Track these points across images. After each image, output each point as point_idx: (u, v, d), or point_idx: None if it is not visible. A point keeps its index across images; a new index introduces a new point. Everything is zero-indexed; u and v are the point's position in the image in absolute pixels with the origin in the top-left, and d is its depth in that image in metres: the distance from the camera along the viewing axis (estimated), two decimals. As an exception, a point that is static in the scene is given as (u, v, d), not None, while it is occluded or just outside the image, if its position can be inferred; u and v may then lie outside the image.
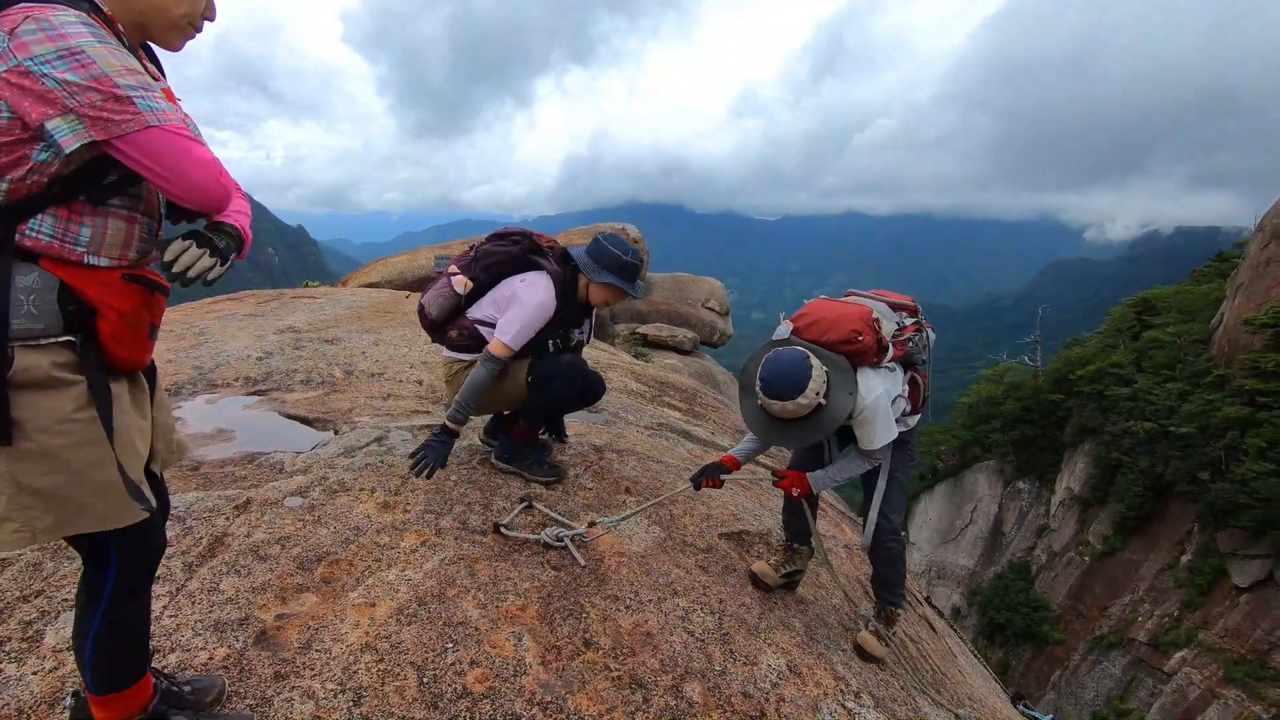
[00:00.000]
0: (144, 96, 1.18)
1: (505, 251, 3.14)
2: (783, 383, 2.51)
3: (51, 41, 1.13)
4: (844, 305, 2.85)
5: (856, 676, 2.66)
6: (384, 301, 7.21)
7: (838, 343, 2.69)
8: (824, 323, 2.76)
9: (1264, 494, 21.24)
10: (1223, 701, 20.37)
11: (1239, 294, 26.69)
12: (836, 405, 2.58)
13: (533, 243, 3.17)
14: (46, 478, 1.27)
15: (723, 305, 20.25)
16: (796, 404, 2.50)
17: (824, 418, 2.57)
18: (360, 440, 3.43)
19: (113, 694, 1.53)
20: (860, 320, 2.71)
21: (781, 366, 2.54)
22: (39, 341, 1.25)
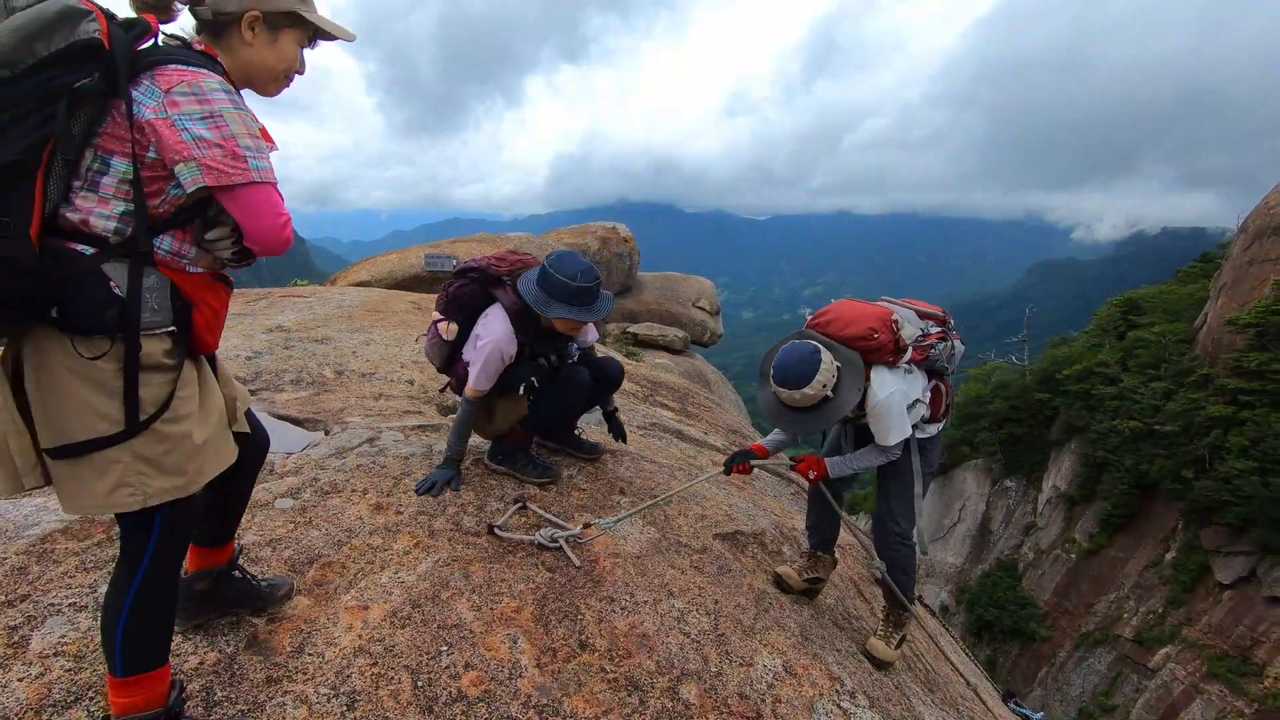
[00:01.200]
0: (255, 157, 1.47)
1: (466, 291, 3.11)
2: (791, 373, 2.67)
3: (199, 104, 1.41)
4: (867, 305, 2.97)
5: (851, 676, 2.67)
6: (375, 300, 7.16)
7: (853, 338, 2.80)
8: (843, 319, 2.88)
9: (1246, 492, 21.51)
10: (1206, 697, 20.62)
11: (1222, 294, 27.03)
12: (843, 398, 2.70)
13: (488, 276, 3.09)
14: (157, 446, 1.51)
15: (713, 304, 20.27)
16: (804, 394, 2.65)
17: (829, 409, 2.70)
18: (352, 441, 3.40)
19: (139, 674, 1.60)
20: (878, 319, 2.82)
21: (792, 358, 2.69)
22: (154, 331, 1.50)
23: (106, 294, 1.41)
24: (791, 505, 4.41)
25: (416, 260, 12.23)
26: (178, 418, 1.55)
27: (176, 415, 1.55)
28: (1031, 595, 28.14)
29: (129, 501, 1.48)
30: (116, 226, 1.43)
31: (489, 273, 3.11)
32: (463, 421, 3.07)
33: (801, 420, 2.77)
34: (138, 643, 1.58)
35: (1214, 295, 28.12)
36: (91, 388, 1.43)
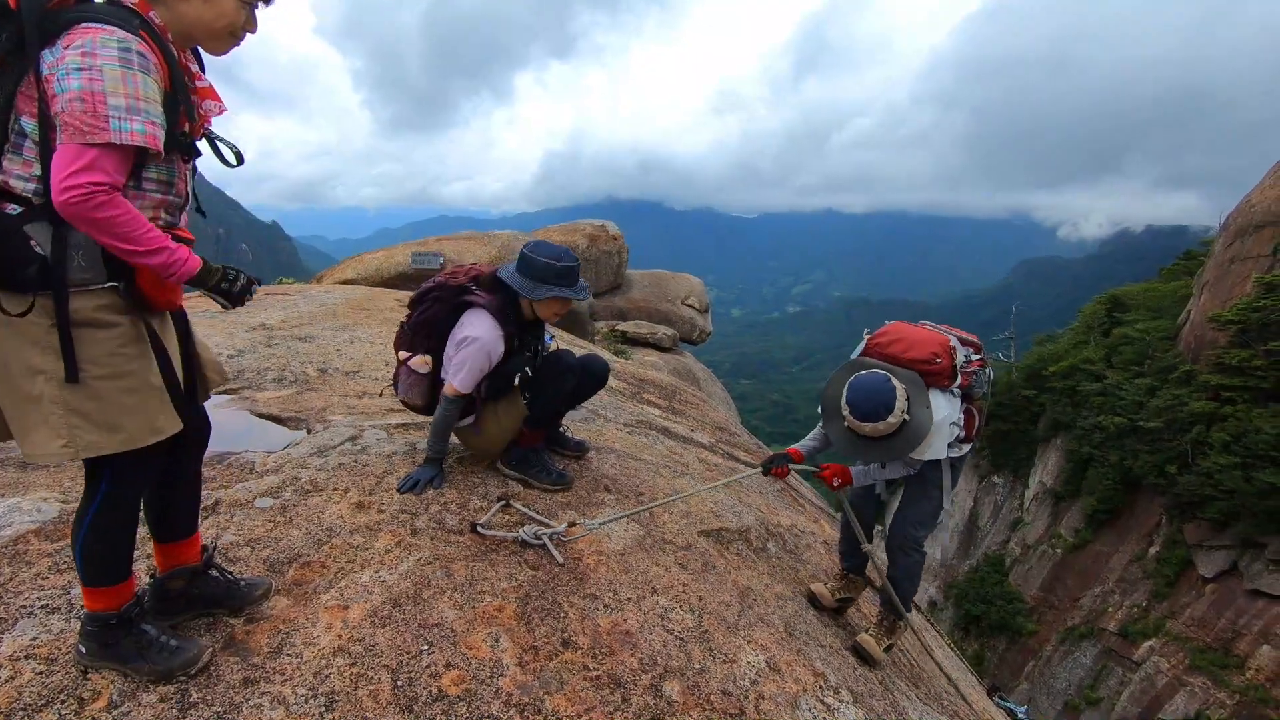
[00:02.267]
0: (123, 119, 1.43)
1: (434, 312, 3.08)
2: (872, 404, 2.72)
3: (81, 57, 1.40)
4: (925, 330, 3.10)
5: (836, 672, 2.67)
6: (359, 298, 7.10)
7: (917, 361, 2.92)
8: (905, 341, 2.99)
9: (1228, 486, 21.77)
10: (1189, 689, 20.88)
11: (1205, 292, 27.34)
12: (918, 420, 2.79)
13: (453, 288, 3.07)
14: (91, 401, 1.55)
15: (702, 302, 20.28)
16: (886, 423, 2.71)
17: (908, 433, 2.77)
18: (334, 439, 3.37)
19: (92, 587, 1.78)
20: (940, 345, 2.97)
21: (868, 390, 2.75)
22: (87, 288, 1.52)
23: (26, 252, 1.45)
24: (777, 502, 4.41)
25: (403, 258, 12.15)
26: (116, 374, 1.58)
27: (116, 372, 1.58)
28: (1018, 590, 28.39)
29: (62, 453, 1.54)
30: (35, 188, 1.47)
31: (450, 285, 3.09)
32: (442, 420, 3.04)
33: (881, 449, 2.83)
34: (92, 564, 1.75)
35: (1197, 292, 28.44)
36: (24, 342, 1.49)
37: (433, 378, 3.16)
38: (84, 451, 1.57)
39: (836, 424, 2.92)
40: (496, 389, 3.10)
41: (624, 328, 16.59)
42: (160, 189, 1.66)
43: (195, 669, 1.88)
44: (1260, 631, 20.07)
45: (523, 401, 3.19)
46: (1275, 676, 19.00)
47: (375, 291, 8.11)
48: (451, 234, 14.72)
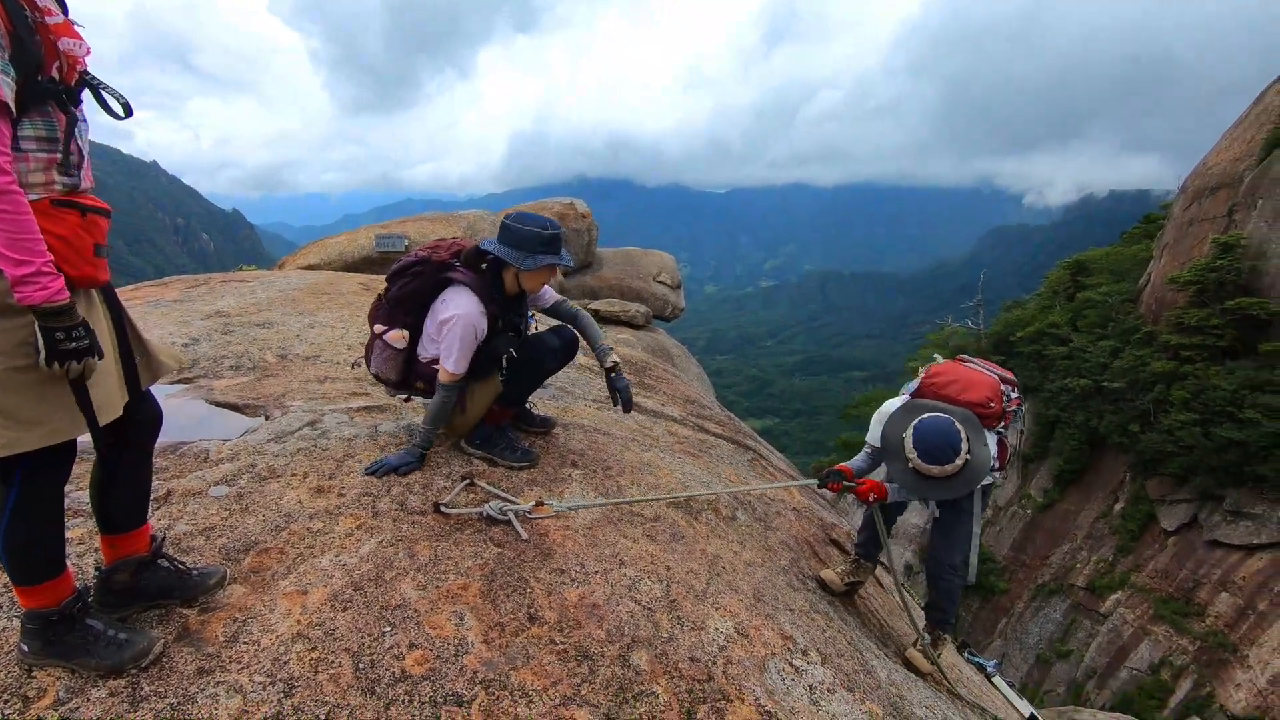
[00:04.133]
0: None
1: (414, 286, 3.00)
2: (941, 450, 2.90)
3: None
4: (977, 373, 3.32)
5: (804, 635, 2.70)
6: (320, 283, 6.93)
7: (972, 403, 3.13)
8: (961, 383, 3.21)
9: (1188, 443, 22.48)
10: (1153, 638, 21.70)
11: (1164, 254, 27.95)
12: (979, 459, 2.97)
13: (434, 263, 2.99)
14: (5, 397, 1.45)
15: (674, 279, 20.24)
16: (954, 464, 2.89)
17: (969, 472, 2.95)
18: (292, 425, 3.29)
19: (24, 586, 1.71)
20: (993, 390, 3.20)
21: (937, 436, 2.92)
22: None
23: None
24: (747, 472, 4.43)
25: (367, 241, 11.89)
26: (32, 365, 1.48)
27: (32, 362, 1.47)
28: (990, 550, 29.13)
29: None
30: None
31: (434, 260, 3.01)
32: (440, 407, 2.96)
33: (947, 487, 2.99)
34: (18, 563, 1.67)
35: (1157, 255, 29.08)
36: None
37: (408, 353, 3.09)
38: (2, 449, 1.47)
39: (900, 464, 3.06)
40: (480, 369, 3.03)
41: (596, 306, 16.50)
42: (44, 147, 1.52)
43: (146, 661, 1.83)
44: (1219, 580, 20.87)
45: (499, 379, 3.13)
46: (1234, 622, 19.81)
47: (337, 276, 7.93)
48: (415, 215, 14.44)
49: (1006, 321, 34.42)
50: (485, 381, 3.07)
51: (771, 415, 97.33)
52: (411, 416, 3.57)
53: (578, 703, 2.00)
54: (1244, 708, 18.23)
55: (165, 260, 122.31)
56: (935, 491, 3.04)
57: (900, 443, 3.03)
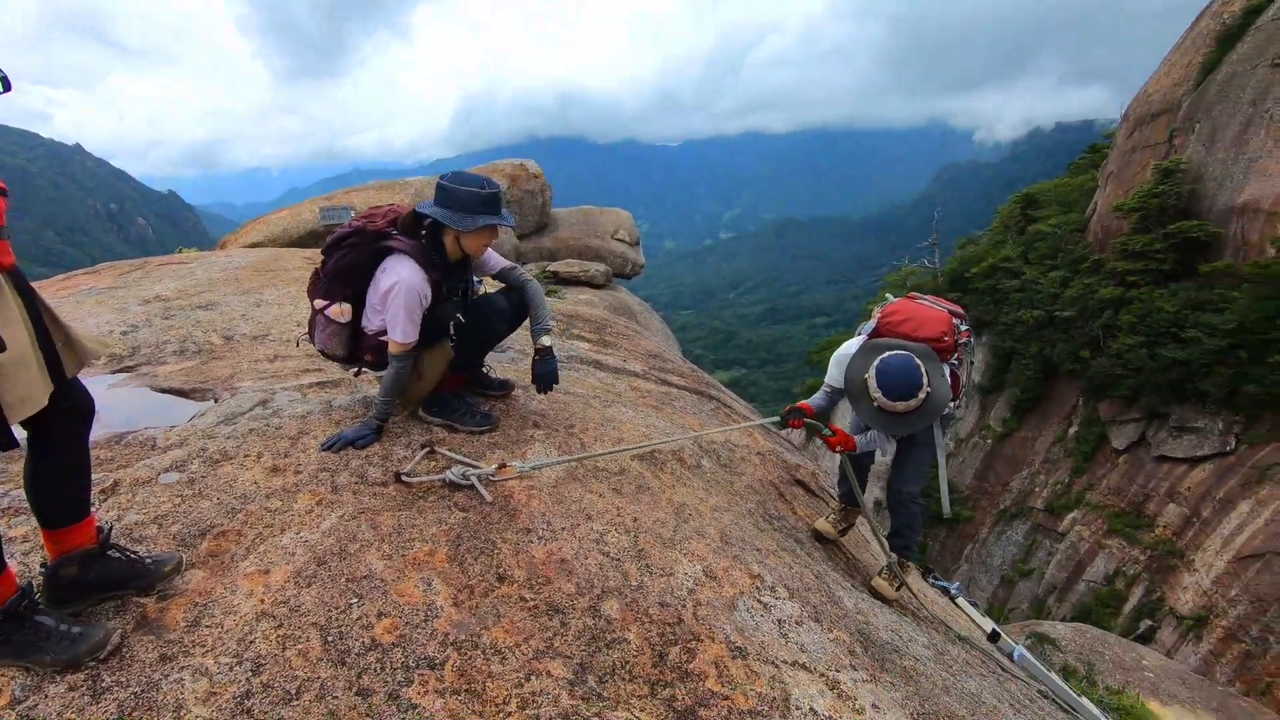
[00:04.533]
0: None
1: (350, 259, 2.89)
2: (905, 386, 3.01)
3: None
4: (930, 309, 3.41)
5: (771, 572, 2.76)
6: (264, 260, 6.69)
7: (927, 339, 3.23)
8: (916, 320, 3.31)
9: (1135, 364, 23.40)
10: (1107, 551, 22.90)
11: (1109, 182, 28.58)
12: (939, 392, 3.09)
13: (369, 233, 2.88)
14: None
15: (632, 235, 20.06)
16: (917, 399, 3.01)
17: (931, 405, 3.08)
18: (243, 406, 3.20)
19: None
20: (946, 324, 3.32)
21: (899, 373, 3.03)
22: None
23: None
24: (711, 420, 4.47)
25: (311, 215, 11.48)
26: None
27: None
28: (954, 481, 30.21)
29: None
30: None
31: (369, 230, 2.90)
32: (394, 381, 2.91)
33: (910, 421, 3.12)
34: None
35: (1102, 184, 29.73)
36: None
37: (353, 327, 3.01)
38: None
39: (865, 404, 3.17)
40: (428, 337, 2.98)
41: (555, 268, 16.31)
42: None
43: (104, 653, 1.79)
44: (1167, 492, 22.01)
45: (449, 345, 3.08)
46: (1180, 530, 20.98)
47: (282, 252, 7.67)
48: (361, 185, 13.97)
49: (961, 258, 35.05)
50: (435, 349, 3.02)
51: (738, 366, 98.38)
52: (367, 389, 3.50)
53: (550, 655, 2.02)
54: (1191, 608, 19.46)
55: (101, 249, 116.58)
56: (900, 427, 3.17)
57: (864, 384, 3.12)
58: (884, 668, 2.54)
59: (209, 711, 1.71)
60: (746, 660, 2.18)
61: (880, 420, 3.16)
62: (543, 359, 3.21)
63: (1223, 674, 17.55)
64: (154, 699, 1.71)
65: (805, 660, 2.30)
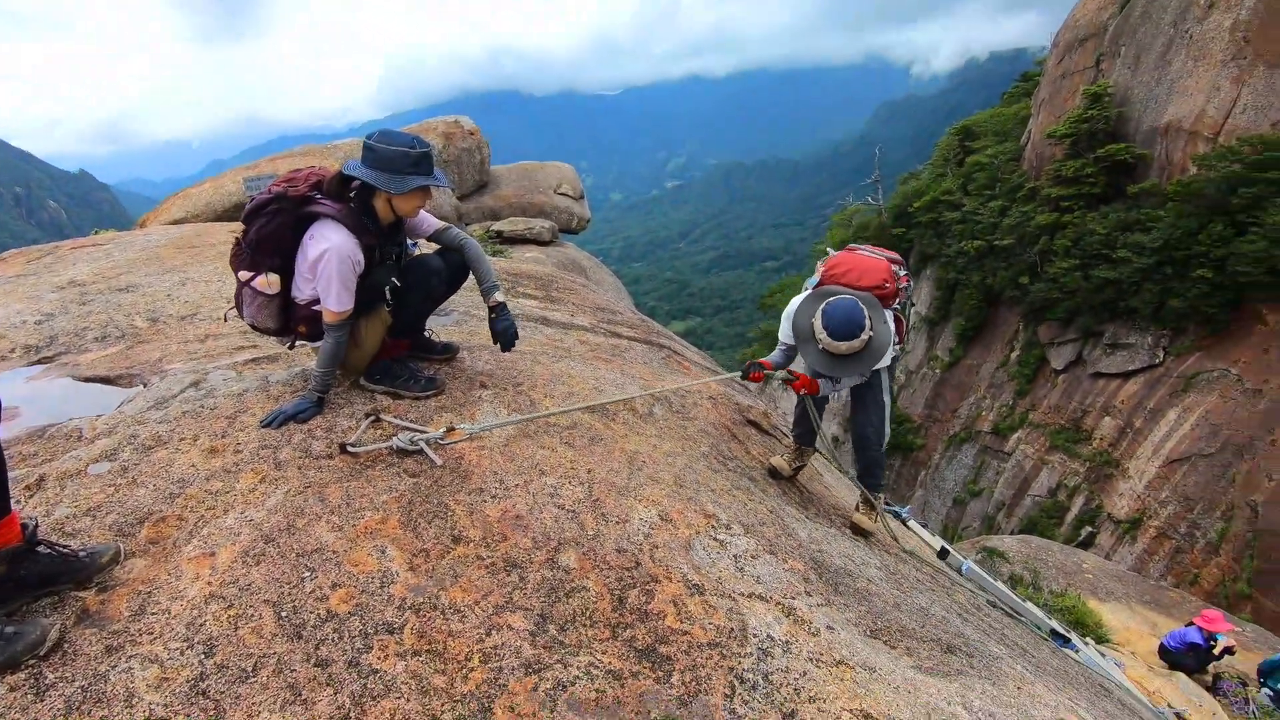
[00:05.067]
0: None
1: (275, 226, 2.73)
2: (847, 327, 3.12)
3: None
4: (869, 259, 3.56)
5: (726, 510, 2.82)
6: (186, 237, 6.36)
7: (870, 287, 3.39)
8: (858, 270, 3.46)
9: (1071, 287, 24.32)
10: (1050, 466, 24.16)
11: (1041, 110, 29.11)
12: (880, 335, 3.23)
13: (291, 198, 2.73)
14: None
15: (576, 189, 19.69)
16: (861, 340, 3.12)
17: (874, 348, 3.21)
18: (173, 388, 3.08)
19: None
20: (886, 272, 3.47)
21: (842, 314, 3.14)
22: None
23: None
24: (662, 369, 4.49)
25: (235, 187, 10.90)
26: None
27: None
28: (906, 413, 31.25)
29: None
30: None
31: (291, 195, 2.75)
32: (331, 352, 2.81)
33: (855, 363, 3.25)
34: None
35: (1035, 112, 30.26)
36: None
37: (283, 298, 2.89)
38: None
39: (811, 347, 3.28)
40: (364, 304, 2.88)
41: (499, 227, 15.95)
42: None
43: (44, 649, 1.74)
44: (1102, 406, 23.20)
45: (385, 311, 3.00)
46: (1116, 441, 22.23)
47: (205, 227, 7.30)
48: (286, 151, 13.31)
49: (904, 194, 35.51)
50: (373, 315, 2.93)
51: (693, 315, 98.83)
52: (304, 362, 3.40)
53: (511, 609, 2.04)
54: (1126, 512, 20.78)
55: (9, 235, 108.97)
56: (846, 369, 3.29)
57: (810, 327, 3.25)
58: (838, 591, 2.64)
59: (163, 697, 1.68)
60: (704, 596, 2.24)
61: (825, 363, 3.27)
62: (499, 316, 3.15)
63: (1155, 569, 18.91)
64: (102, 691, 1.67)
65: (761, 591, 2.38)
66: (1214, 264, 20.36)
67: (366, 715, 1.68)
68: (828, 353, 3.21)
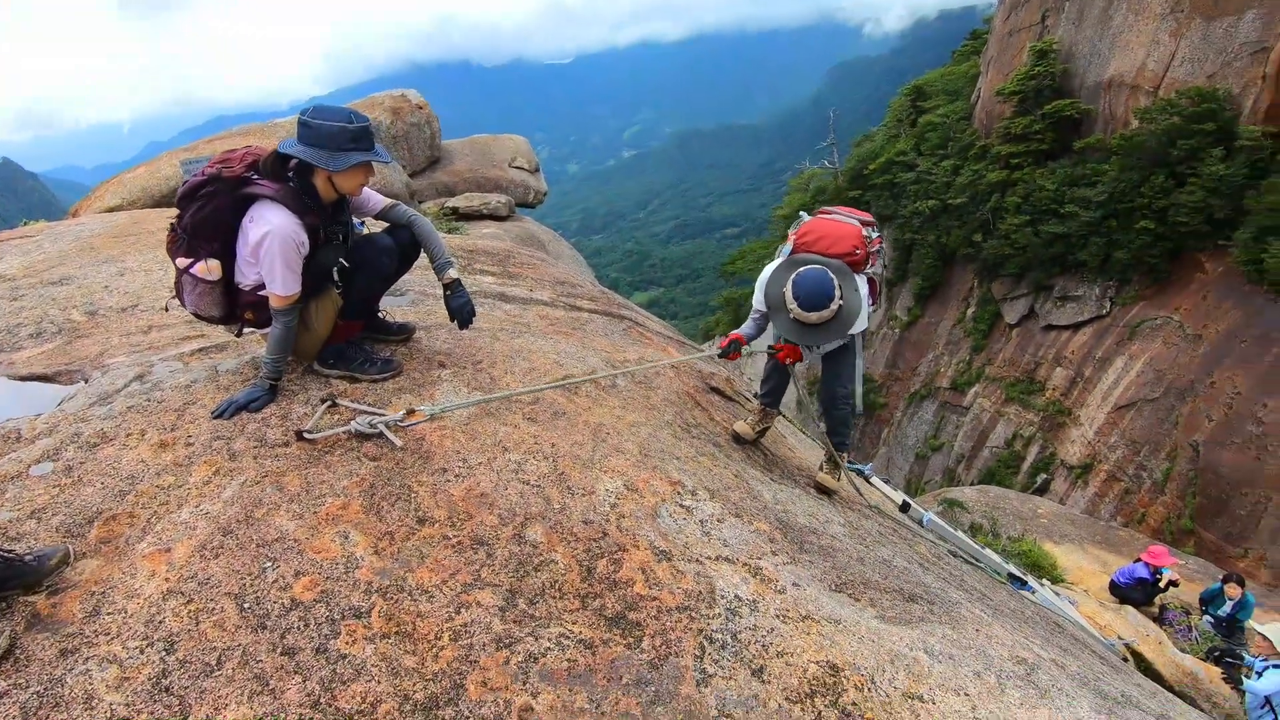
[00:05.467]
0: None
1: (211, 209, 2.61)
2: (816, 296, 3.14)
3: None
4: (840, 225, 3.55)
5: (691, 477, 2.85)
6: (122, 225, 6.08)
7: (840, 254, 3.40)
8: (829, 238, 3.46)
9: (1022, 243, 24.91)
10: (1006, 418, 24.97)
11: (990, 68, 29.43)
12: (851, 303, 3.26)
13: (227, 180, 2.61)
14: None
15: (531, 162, 19.36)
16: (830, 310, 3.15)
17: (844, 316, 3.24)
18: (117, 383, 2.96)
19: None
20: (857, 238, 3.48)
21: (811, 286, 3.16)
22: None
23: None
24: (623, 340, 4.48)
25: (172, 170, 10.43)
26: None
27: None
28: (868, 373, 31.88)
29: None
30: None
31: (226, 176, 2.63)
32: (281, 338, 2.72)
33: (826, 332, 3.28)
34: None
35: (984, 70, 30.59)
36: None
37: (226, 284, 2.79)
38: None
39: (782, 316, 3.31)
40: (312, 287, 2.79)
41: (454, 204, 15.63)
42: None
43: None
44: (1054, 358, 23.99)
45: (336, 292, 2.91)
46: (1067, 391, 23.04)
47: (142, 214, 6.99)
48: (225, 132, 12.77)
49: (859, 156, 35.75)
50: (323, 298, 2.85)
51: (655, 286, 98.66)
52: (255, 350, 3.30)
53: (479, 586, 2.05)
54: (1078, 458, 21.65)
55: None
56: (817, 338, 3.36)
57: (781, 296, 3.28)
58: (803, 549, 2.70)
59: (124, 697, 1.65)
60: (671, 561, 2.27)
61: (795, 332, 3.32)
62: (454, 293, 3.08)
63: (1106, 511, 19.80)
64: (60, 695, 1.63)
65: (728, 553, 2.42)
66: (1156, 215, 21.04)
67: (338, 700, 1.68)
68: (799, 322, 3.24)
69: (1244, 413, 17.32)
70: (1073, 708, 2.14)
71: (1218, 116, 19.76)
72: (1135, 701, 2.68)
